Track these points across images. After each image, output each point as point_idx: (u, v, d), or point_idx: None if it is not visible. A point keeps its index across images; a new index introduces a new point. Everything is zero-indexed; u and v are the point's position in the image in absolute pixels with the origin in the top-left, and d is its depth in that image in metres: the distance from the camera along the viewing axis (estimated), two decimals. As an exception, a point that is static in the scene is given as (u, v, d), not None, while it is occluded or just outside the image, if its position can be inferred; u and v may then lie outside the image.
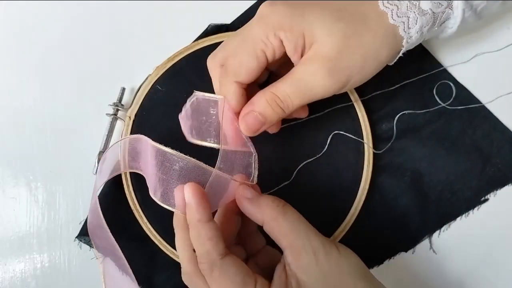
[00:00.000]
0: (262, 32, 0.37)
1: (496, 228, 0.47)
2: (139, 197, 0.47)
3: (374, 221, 0.47)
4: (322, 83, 0.36)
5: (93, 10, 0.52)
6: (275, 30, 0.36)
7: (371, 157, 0.46)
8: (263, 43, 0.37)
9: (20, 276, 0.49)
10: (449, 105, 0.47)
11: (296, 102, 0.37)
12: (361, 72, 0.37)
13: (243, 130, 0.39)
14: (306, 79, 0.37)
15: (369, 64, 0.37)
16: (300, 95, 0.37)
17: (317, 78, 0.36)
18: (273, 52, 0.37)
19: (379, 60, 0.38)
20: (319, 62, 0.36)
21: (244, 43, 0.38)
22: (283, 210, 0.37)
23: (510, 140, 0.47)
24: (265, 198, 0.37)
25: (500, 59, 0.48)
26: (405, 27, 0.37)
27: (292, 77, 0.37)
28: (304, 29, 0.36)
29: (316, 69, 0.36)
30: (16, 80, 0.51)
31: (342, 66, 0.36)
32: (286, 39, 0.36)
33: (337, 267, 0.36)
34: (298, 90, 0.37)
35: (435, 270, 0.47)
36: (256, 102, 0.38)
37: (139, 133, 0.47)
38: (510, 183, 0.47)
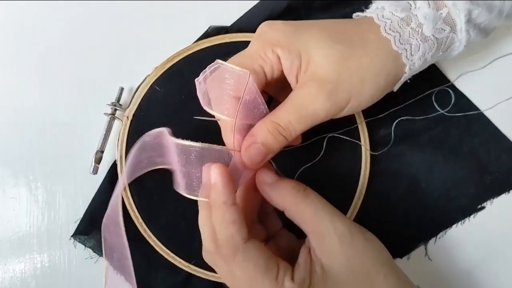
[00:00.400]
0: (260, 48, 0.37)
1: (492, 236, 0.48)
2: (135, 198, 0.48)
3: (369, 226, 0.47)
4: (322, 107, 0.36)
5: (93, 10, 0.52)
6: (273, 47, 0.36)
7: (368, 162, 0.47)
8: (261, 58, 0.37)
9: (20, 276, 0.49)
10: (447, 112, 0.47)
11: (299, 128, 0.36)
12: (359, 96, 0.37)
13: (247, 162, 0.37)
14: (306, 103, 0.36)
15: (368, 87, 0.36)
16: (302, 121, 0.36)
17: (316, 101, 0.35)
18: (271, 68, 0.37)
19: (378, 84, 0.37)
20: (316, 85, 0.36)
21: (243, 59, 0.38)
22: (305, 194, 0.36)
23: (508, 148, 0.47)
24: (285, 183, 0.37)
25: (500, 66, 0.48)
26: (407, 54, 0.36)
27: (292, 102, 0.36)
28: (300, 49, 0.36)
29: (314, 92, 0.35)
30: (16, 80, 0.52)
31: (340, 89, 0.36)
32: (283, 56, 0.36)
33: (362, 251, 0.35)
34: (300, 115, 0.36)
35: (430, 277, 0.48)
36: (257, 133, 0.37)
37: (136, 134, 0.47)
38: (507, 192, 0.47)
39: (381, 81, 0.37)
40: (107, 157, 0.48)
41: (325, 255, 0.35)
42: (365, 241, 0.36)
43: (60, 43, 0.52)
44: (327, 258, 0.35)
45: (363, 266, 0.35)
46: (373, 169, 0.47)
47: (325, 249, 0.35)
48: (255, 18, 0.49)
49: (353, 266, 0.35)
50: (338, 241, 0.35)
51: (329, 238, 0.35)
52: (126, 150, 0.48)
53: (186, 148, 0.35)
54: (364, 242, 0.36)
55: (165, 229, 0.47)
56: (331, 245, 0.35)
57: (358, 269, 0.35)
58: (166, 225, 0.47)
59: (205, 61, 0.48)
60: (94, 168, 0.47)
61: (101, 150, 0.48)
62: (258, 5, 0.50)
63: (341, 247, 0.35)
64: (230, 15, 0.50)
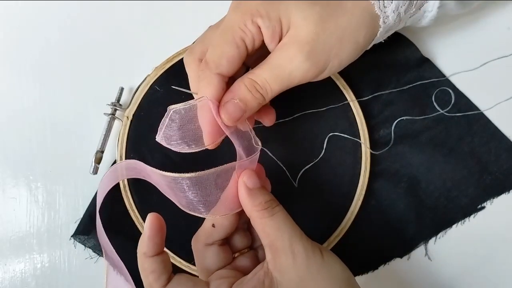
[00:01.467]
0: (239, 19, 0.36)
1: (492, 236, 0.48)
2: (135, 197, 0.48)
3: (370, 226, 0.48)
4: (300, 68, 0.36)
5: (93, 10, 0.52)
6: (253, 17, 0.36)
7: (368, 162, 0.47)
8: (242, 31, 0.36)
9: (20, 276, 0.50)
10: (447, 112, 0.47)
11: (274, 87, 0.37)
12: (338, 55, 0.37)
13: (225, 119, 0.37)
14: (284, 64, 0.36)
15: (347, 46, 0.37)
16: (278, 80, 0.37)
17: (295, 63, 0.36)
18: (253, 39, 0.37)
19: (356, 42, 0.37)
20: (296, 47, 0.36)
21: (223, 33, 0.37)
22: (272, 211, 0.36)
23: (508, 148, 0.47)
24: (261, 195, 0.37)
25: (500, 66, 0.48)
26: (380, 5, 0.36)
27: (270, 62, 0.37)
28: (280, 14, 0.36)
29: (293, 53, 0.36)
30: (16, 80, 0.52)
31: (319, 50, 0.36)
32: (263, 25, 0.36)
33: (316, 273, 0.35)
34: (276, 75, 0.36)
35: (430, 277, 0.48)
36: (235, 90, 0.37)
37: (136, 133, 0.48)
38: (507, 191, 0.47)
39: (360, 39, 0.37)
40: (107, 157, 0.49)
41: (277, 269, 0.35)
42: (322, 262, 0.36)
43: (60, 43, 0.52)
44: (279, 272, 0.35)
45: (317, 286, 0.35)
46: (373, 169, 0.47)
47: (278, 263, 0.35)
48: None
49: (304, 285, 0.35)
50: (292, 258, 0.35)
51: (283, 254, 0.35)
52: (126, 150, 0.48)
53: (174, 180, 0.36)
54: (321, 262, 0.36)
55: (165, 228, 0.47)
56: (284, 261, 0.35)
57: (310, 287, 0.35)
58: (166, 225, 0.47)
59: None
60: (94, 168, 0.48)
61: (101, 150, 0.48)
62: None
63: (294, 264, 0.35)
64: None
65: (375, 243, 0.48)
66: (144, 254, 0.36)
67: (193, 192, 0.36)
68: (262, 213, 0.36)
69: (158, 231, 0.36)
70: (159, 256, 0.36)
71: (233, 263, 0.40)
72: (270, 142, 0.46)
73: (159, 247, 0.37)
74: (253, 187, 0.37)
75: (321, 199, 0.47)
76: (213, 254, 0.39)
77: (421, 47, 0.48)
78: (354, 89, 0.47)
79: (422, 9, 0.39)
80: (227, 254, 0.40)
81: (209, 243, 0.39)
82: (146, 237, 0.36)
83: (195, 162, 0.40)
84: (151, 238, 0.36)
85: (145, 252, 0.36)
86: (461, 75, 0.48)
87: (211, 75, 0.37)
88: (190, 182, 0.35)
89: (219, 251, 0.39)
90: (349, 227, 0.47)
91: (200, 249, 0.39)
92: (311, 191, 0.47)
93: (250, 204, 0.37)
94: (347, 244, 0.47)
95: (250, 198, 0.37)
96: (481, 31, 0.49)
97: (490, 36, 0.49)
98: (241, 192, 0.37)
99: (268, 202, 0.37)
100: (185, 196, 0.36)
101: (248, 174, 0.37)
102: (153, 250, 0.36)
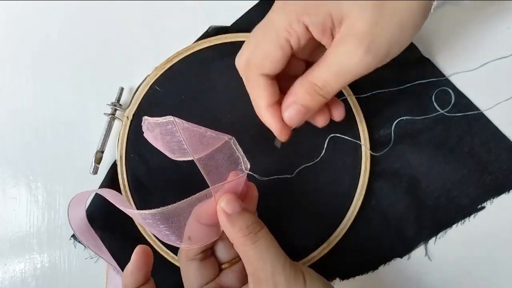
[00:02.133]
0: (285, 20, 0.35)
1: (492, 236, 0.48)
2: (135, 197, 0.48)
3: (369, 226, 0.47)
4: (361, 62, 0.34)
5: (93, 10, 0.52)
6: (299, 16, 0.34)
7: (368, 162, 0.47)
8: (287, 31, 0.35)
9: (20, 276, 0.50)
10: (447, 112, 0.47)
11: (336, 86, 0.36)
12: (399, 40, 0.35)
13: (287, 121, 0.37)
14: (343, 61, 0.34)
15: (407, 32, 0.35)
16: (340, 79, 0.35)
17: (355, 58, 0.34)
18: (298, 39, 0.35)
19: (416, 24, 0.35)
20: (354, 41, 0.34)
21: (267, 34, 0.36)
22: (255, 238, 0.35)
23: (508, 148, 0.47)
24: (240, 220, 0.35)
25: (500, 66, 0.48)
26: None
27: (328, 61, 0.35)
28: (330, 8, 0.34)
29: (353, 48, 0.34)
30: (16, 80, 0.52)
31: (380, 40, 0.34)
32: (311, 23, 0.34)
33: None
34: (337, 74, 0.35)
35: (430, 277, 0.48)
36: (295, 93, 0.37)
37: (136, 133, 0.48)
38: (507, 191, 0.47)
39: (419, 20, 0.35)
40: (107, 157, 0.49)
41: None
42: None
43: (60, 43, 0.52)
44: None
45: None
46: (373, 169, 0.47)
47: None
48: (255, 18, 0.49)
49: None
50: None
51: (265, 285, 0.34)
52: (126, 150, 0.48)
53: (142, 215, 0.34)
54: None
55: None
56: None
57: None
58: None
59: (205, 61, 0.49)
60: (94, 168, 0.48)
61: (101, 150, 0.48)
62: (258, 5, 0.50)
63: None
64: (230, 15, 0.50)
65: (375, 243, 0.48)
66: (125, 286, 0.36)
67: (166, 226, 0.34)
68: (244, 240, 0.35)
69: (142, 266, 0.36)
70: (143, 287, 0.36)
71: (217, 279, 0.39)
72: (271, 143, 0.46)
73: (142, 280, 0.36)
74: (232, 212, 0.35)
75: (321, 199, 0.47)
76: (194, 270, 0.38)
77: (421, 47, 0.48)
78: (353, 89, 0.47)
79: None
80: (210, 269, 0.39)
81: (190, 258, 0.38)
82: (129, 272, 0.36)
83: (195, 163, 0.40)
84: (133, 273, 0.36)
85: (126, 285, 0.36)
86: (461, 75, 0.48)
87: (255, 77, 0.37)
88: (160, 216, 0.34)
89: (200, 266, 0.38)
90: (349, 227, 0.46)
91: (182, 264, 0.39)
92: (312, 192, 0.47)
93: (231, 230, 0.35)
94: (347, 244, 0.47)
95: (230, 225, 0.35)
96: (481, 31, 0.49)
97: (490, 36, 0.49)
98: (221, 219, 0.35)
99: (250, 227, 0.35)
100: (159, 230, 0.35)
101: (226, 199, 0.35)
102: (134, 284, 0.36)
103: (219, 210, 0.35)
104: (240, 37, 0.48)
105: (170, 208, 0.33)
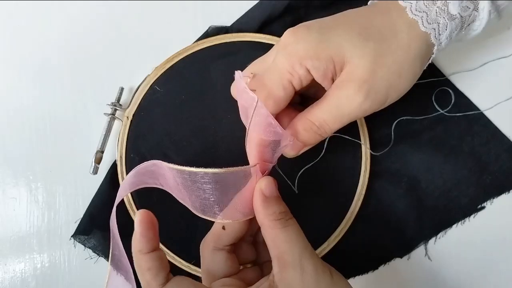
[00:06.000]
0: (287, 63, 0.36)
1: (492, 236, 0.48)
2: (135, 197, 0.48)
3: (370, 226, 0.47)
4: (360, 107, 0.36)
5: (93, 10, 0.52)
6: (301, 60, 0.35)
7: (368, 162, 0.47)
8: (289, 73, 0.36)
9: (20, 276, 0.50)
10: (447, 112, 0.47)
11: (333, 127, 0.37)
12: (398, 88, 0.37)
13: (288, 154, 0.40)
14: (343, 104, 0.36)
15: (405, 79, 0.36)
16: (337, 120, 0.37)
17: (354, 102, 0.36)
18: (300, 81, 0.36)
19: (414, 73, 0.37)
20: (354, 86, 0.35)
21: (270, 75, 0.37)
22: (285, 223, 0.35)
23: (508, 148, 0.47)
24: (276, 205, 0.36)
25: (500, 66, 0.48)
26: (436, 33, 0.36)
27: (328, 102, 0.37)
28: (332, 54, 0.35)
29: (352, 93, 0.35)
30: (16, 80, 0.52)
31: (378, 87, 0.36)
32: (313, 67, 0.35)
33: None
34: (335, 116, 0.37)
35: (430, 277, 0.48)
36: (294, 128, 0.38)
37: (136, 133, 0.48)
38: (507, 191, 0.47)
39: (417, 69, 0.37)
40: (107, 157, 0.49)
41: (284, 283, 0.34)
42: (331, 282, 0.35)
43: (60, 43, 0.52)
44: (285, 286, 0.34)
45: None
46: (373, 169, 0.47)
47: (285, 277, 0.34)
48: (255, 18, 0.49)
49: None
50: (300, 273, 0.34)
51: (292, 268, 0.34)
52: (126, 150, 0.48)
53: (190, 174, 0.34)
54: (330, 282, 0.34)
55: (165, 229, 0.47)
56: (292, 275, 0.34)
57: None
58: (165, 225, 0.47)
59: (205, 61, 0.49)
60: (94, 168, 0.47)
61: (101, 150, 0.48)
62: (258, 5, 0.50)
63: (302, 280, 0.34)
64: (230, 15, 0.50)
65: (375, 243, 0.48)
66: (139, 251, 0.35)
67: (212, 190, 0.34)
68: (274, 223, 0.35)
69: (149, 226, 0.35)
70: (155, 253, 0.35)
71: (239, 273, 0.39)
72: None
73: (154, 242, 0.35)
74: (270, 195, 0.36)
75: (321, 199, 0.47)
76: (221, 259, 0.38)
77: (421, 47, 0.48)
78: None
79: (468, 28, 0.39)
80: (234, 263, 0.39)
81: (218, 248, 0.38)
82: (138, 234, 0.35)
83: (195, 163, 0.40)
84: (143, 234, 0.35)
85: (140, 250, 0.35)
86: (461, 75, 0.48)
87: None
88: (213, 179, 0.33)
89: (227, 257, 0.38)
90: (349, 227, 0.46)
91: (208, 252, 0.38)
92: (312, 191, 0.47)
93: (264, 212, 0.35)
94: (347, 244, 0.47)
95: (264, 206, 0.35)
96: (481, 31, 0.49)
97: (490, 36, 0.49)
98: (256, 199, 0.36)
99: (282, 213, 0.36)
100: (200, 195, 0.35)
101: (267, 181, 0.36)
102: (148, 247, 0.35)
103: (257, 190, 0.36)
104: (240, 37, 0.49)
105: (225, 171, 0.33)
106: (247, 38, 0.48)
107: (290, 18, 0.49)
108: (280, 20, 0.49)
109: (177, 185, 0.36)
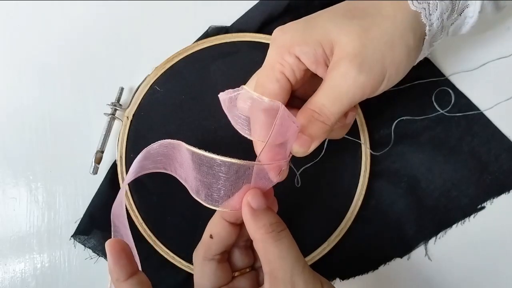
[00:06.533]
0: (276, 54, 0.36)
1: (492, 236, 0.48)
2: (135, 197, 0.48)
3: (370, 226, 0.48)
4: (356, 82, 0.34)
5: (93, 10, 0.52)
6: (289, 48, 0.35)
7: (368, 162, 0.47)
8: (280, 64, 0.36)
9: (20, 276, 0.50)
10: (447, 112, 0.47)
11: (334, 110, 0.35)
12: (394, 62, 0.35)
13: (297, 152, 0.37)
14: (338, 84, 0.35)
15: (399, 50, 0.35)
16: (337, 102, 0.35)
17: (349, 79, 0.34)
18: (292, 70, 0.36)
19: (407, 45, 0.35)
20: (346, 62, 0.34)
21: (262, 71, 0.37)
22: (277, 236, 0.35)
23: (508, 148, 0.47)
24: (266, 217, 0.35)
25: (500, 66, 0.48)
26: (426, 13, 0.35)
27: (324, 86, 0.36)
28: (319, 37, 0.35)
29: (345, 69, 0.34)
30: (16, 80, 0.52)
31: (371, 59, 0.34)
32: (301, 53, 0.35)
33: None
34: (333, 97, 0.35)
35: (430, 277, 0.48)
36: (298, 121, 0.36)
37: (136, 133, 0.48)
38: (507, 191, 0.47)
39: (410, 40, 0.35)
40: (107, 157, 0.49)
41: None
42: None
43: (60, 43, 0.52)
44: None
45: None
46: (373, 169, 0.47)
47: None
48: (255, 18, 0.49)
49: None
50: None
51: (283, 285, 0.33)
52: (126, 150, 0.48)
53: (209, 161, 0.34)
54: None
55: (165, 229, 0.47)
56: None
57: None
58: (166, 225, 0.47)
59: (205, 61, 0.49)
60: (94, 168, 0.47)
61: (101, 150, 0.48)
62: (258, 5, 0.50)
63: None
64: (230, 15, 0.50)
65: (375, 243, 0.48)
66: (117, 280, 0.34)
67: (227, 179, 0.34)
68: (265, 237, 0.34)
69: (120, 254, 0.34)
70: (134, 278, 0.34)
71: (231, 283, 0.39)
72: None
73: (129, 268, 0.34)
74: (257, 207, 0.35)
75: (321, 199, 0.47)
76: (211, 270, 0.37)
77: (421, 47, 0.48)
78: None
79: (463, 15, 0.38)
80: (225, 273, 0.38)
81: (208, 257, 0.37)
82: (111, 263, 0.34)
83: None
84: (115, 262, 0.34)
85: (117, 278, 0.34)
86: (461, 75, 0.48)
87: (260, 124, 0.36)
88: (226, 168, 0.33)
89: (217, 268, 0.38)
90: (349, 227, 0.47)
91: (198, 263, 0.38)
92: (312, 191, 0.47)
93: (254, 225, 0.35)
94: (347, 244, 0.47)
95: (254, 219, 0.35)
96: (481, 31, 0.49)
97: (490, 36, 0.49)
98: (245, 213, 0.35)
99: (274, 225, 0.35)
100: (212, 183, 0.34)
101: (253, 193, 0.35)
102: (124, 274, 0.34)
103: (244, 204, 0.35)
104: (240, 37, 0.49)
105: (246, 164, 0.33)
106: (247, 38, 0.48)
107: (290, 18, 0.49)
108: (280, 20, 0.49)
109: (188, 170, 0.36)
